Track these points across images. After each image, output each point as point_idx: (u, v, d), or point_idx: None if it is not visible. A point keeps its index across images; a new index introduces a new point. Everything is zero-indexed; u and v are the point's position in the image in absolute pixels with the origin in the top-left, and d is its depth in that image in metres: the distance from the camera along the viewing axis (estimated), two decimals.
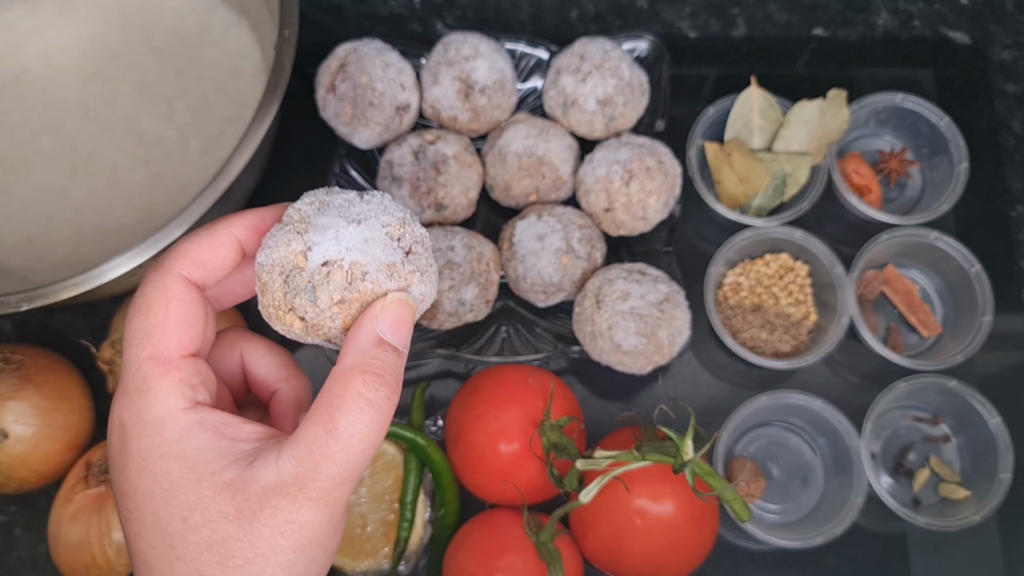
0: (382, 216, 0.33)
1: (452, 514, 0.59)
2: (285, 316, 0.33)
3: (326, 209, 0.33)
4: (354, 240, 0.32)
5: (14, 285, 0.59)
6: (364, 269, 0.32)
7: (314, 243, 0.32)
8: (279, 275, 0.32)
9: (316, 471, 0.29)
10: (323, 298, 0.32)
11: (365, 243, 0.32)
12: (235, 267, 0.33)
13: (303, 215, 0.33)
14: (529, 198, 0.62)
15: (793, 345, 0.63)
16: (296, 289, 0.32)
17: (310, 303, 0.32)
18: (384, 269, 0.32)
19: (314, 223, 0.33)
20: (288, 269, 0.32)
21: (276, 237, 0.33)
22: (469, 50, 0.61)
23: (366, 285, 0.32)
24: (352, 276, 0.32)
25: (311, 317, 0.32)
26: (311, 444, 0.29)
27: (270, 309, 0.33)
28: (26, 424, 0.56)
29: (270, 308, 0.33)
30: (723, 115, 0.66)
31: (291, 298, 0.32)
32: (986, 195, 0.69)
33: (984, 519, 0.58)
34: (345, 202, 0.34)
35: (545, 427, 0.54)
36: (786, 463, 0.62)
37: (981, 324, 0.61)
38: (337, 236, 0.32)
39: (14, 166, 0.62)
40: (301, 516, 0.29)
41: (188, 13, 0.66)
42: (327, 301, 0.32)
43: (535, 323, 0.63)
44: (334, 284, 0.32)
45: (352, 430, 0.29)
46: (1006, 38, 0.73)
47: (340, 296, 0.32)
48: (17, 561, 0.61)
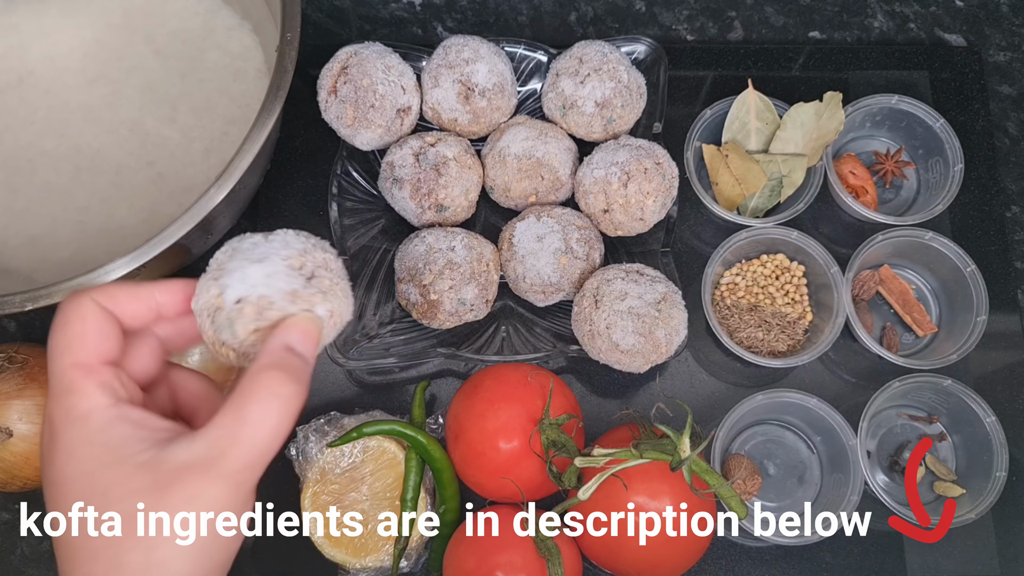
0: (282, 251, 0.39)
1: (452, 511, 0.59)
2: (220, 349, 0.38)
3: (235, 255, 0.39)
4: (258, 277, 0.38)
5: (19, 285, 0.60)
6: (270, 300, 0.37)
7: (226, 286, 0.37)
8: (207, 317, 0.38)
9: (226, 453, 0.33)
10: (240, 330, 0.37)
11: (267, 277, 0.38)
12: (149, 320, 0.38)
13: (219, 263, 0.39)
14: (528, 199, 0.63)
15: (789, 344, 0.63)
16: (220, 326, 0.37)
17: (231, 336, 0.37)
18: (287, 297, 0.38)
19: (226, 268, 0.38)
20: (212, 310, 0.37)
21: (201, 285, 0.38)
22: (469, 53, 0.62)
23: (273, 313, 0.37)
24: (260, 308, 0.37)
25: (237, 347, 0.37)
26: (223, 429, 0.33)
27: (209, 345, 0.38)
28: (30, 423, 0.56)
29: (208, 344, 0.38)
30: (720, 117, 0.67)
31: (218, 334, 0.37)
32: (981, 196, 0.69)
33: (979, 517, 0.58)
34: (251, 245, 0.39)
35: (544, 425, 0.55)
36: (782, 461, 0.63)
37: (976, 324, 0.62)
38: (244, 277, 0.38)
39: (19, 167, 0.63)
40: (210, 492, 0.32)
41: (191, 16, 0.66)
42: (244, 332, 0.37)
43: (534, 322, 0.63)
44: (247, 317, 0.37)
45: (260, 417, 0.33)
46: (1001, 40, 0.74)
47: (254, 326, 0.37)
48: (21, 558, 0.61)
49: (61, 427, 0.34)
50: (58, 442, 0.34)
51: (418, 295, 0.59)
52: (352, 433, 0.58)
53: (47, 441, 0.34)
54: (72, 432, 0.34)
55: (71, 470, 0.33)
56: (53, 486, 0.34)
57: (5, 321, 0.66)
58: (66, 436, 0.34)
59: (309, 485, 0.58)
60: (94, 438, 0.33)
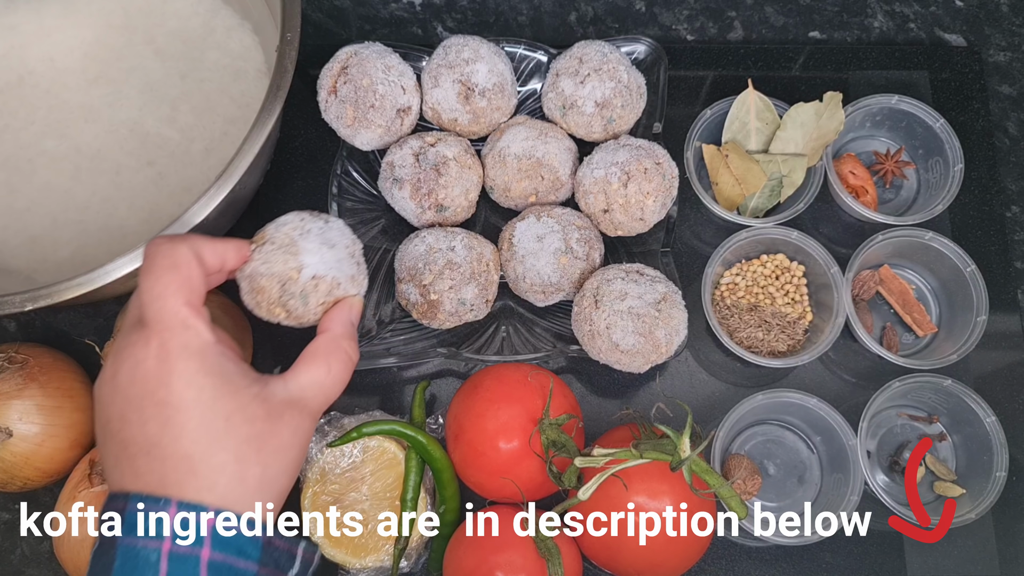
0: (344, 239, 0.49)
1: (452, 511, 0.59)
2: (274, 309, 0.47)
3: (307, 235, 0.48)
4: (331, 261, 0.48)
5: (19, 285, 0.60)
6: (339, 281, 0.48)
7: (305, 264, 0.47)
8: (277, 283, 0.46)
9: (315, 396, 0.43)
10: (312, 302, 0.47)
11: (338, 262, 0.48)
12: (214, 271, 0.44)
13: (291, 239, 0.47)
14: (528, 199, 0.63)
15: (789, 344, 0.63)
16: (291, 294, 0.46)
17: (301, 305, 0.47)
18: (349, 280, 0.49)
19: (301, 246, 0.47)
20: (284, 279, 0.46)
21: (271, 255, 0.47)
22: (469, 53, 0.62)
23: (340, 291, 0.48)
24: (331, 287, 0.48)
25: (298, 313, 0.47)
26: (312, 378, 0.43)
27: (262, 304, 0.47)
28: (30, 423, 0.56)
29: (263, 303, 0.47)
30: (720, 117, 0.67)
31: (285, 299, 0.47)
32: (981, 196, 0.69)
33: (979, 517, 0.58)
34: (319, 229, 0.48)
35: (544, 425, 0.55)
36: (782, 461, 0.63)
37: (976, 324, 0.62)
38: (322, 259, 0.47)
39: (19, 167, 0.63)
40: (304, 425, 0.42)
41: (191, 16, 0.66)
42: (315, 304, 0.47)
43: (534, 322, 0.63)
44: (321, 292, 0.47)
45: (338, 372, 0.44)
46: (1001, 40, 0.74)
47: (323, 300, 0.48)
48: (21, 558, 0.61)
49: (179, 357, 0.39)
50: (175, 368, 0.38)
51: (418, 295, 0.59)
52: (352, 433, 0.58)
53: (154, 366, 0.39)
54: (192, 363, 0.39)
55: (192, 395, 0.38)
56: (168, 407, 0.38)
57: (5, 321, 0.66)
58: (185, 366, 0.39)
59: (309, 485, 0.58)
60: (212, 369, 0.39)
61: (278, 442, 0.40)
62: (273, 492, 0.40)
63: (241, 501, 0.39)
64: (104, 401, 0.41)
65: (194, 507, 0.38)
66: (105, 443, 0.41)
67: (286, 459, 0.41)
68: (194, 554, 0.37)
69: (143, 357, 0.39)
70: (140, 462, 0.39)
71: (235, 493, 0.39)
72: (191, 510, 0.38)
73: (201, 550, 0.37)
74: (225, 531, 0.38)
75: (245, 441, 0.39)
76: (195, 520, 0.38)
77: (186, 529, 0.37)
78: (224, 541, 0.38)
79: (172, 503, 0.38)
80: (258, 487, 0.40)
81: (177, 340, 0.39)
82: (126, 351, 0.40)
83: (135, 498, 0.38)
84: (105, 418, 0.41)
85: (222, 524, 0.38)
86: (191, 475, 0.38)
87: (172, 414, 0.38)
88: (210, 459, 0.38)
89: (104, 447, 0.41)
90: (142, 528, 0.37)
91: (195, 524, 0.38)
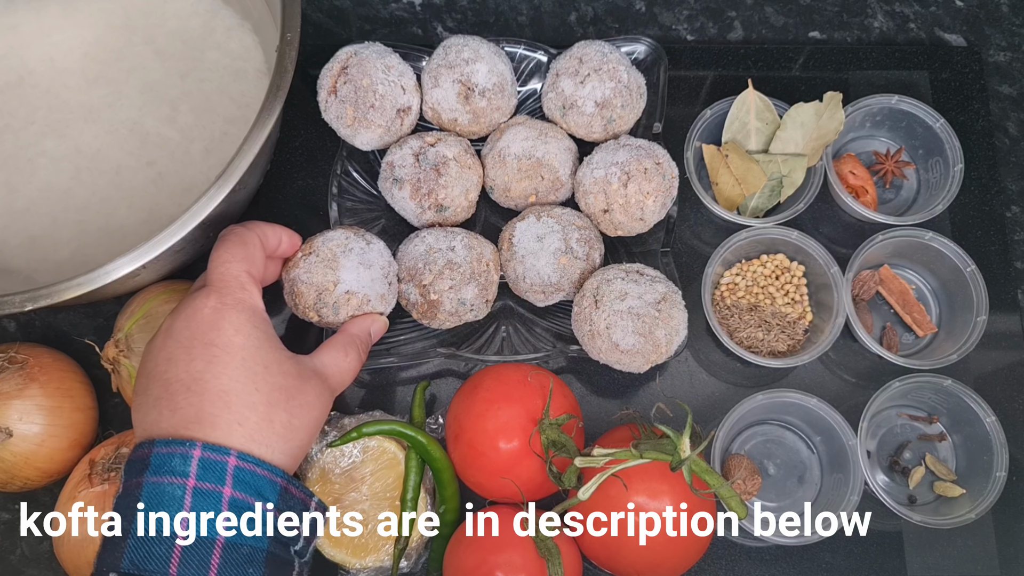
0: (381, 260, 0.57)
1: (452, 511, 0.59)
2: (308, 312, 0.56)
3: (349, 253, 0.55)
4: (365, 280, 0.56)
5: (18, 285, 0.60)
6: (369, 298, 0.56)
7: (341, 279, 0.55)
8: (314, 292, 0.55)
9: (333, 373, 0.50)
10: (343, 312, 0.56)
11: (372, 281, 0.56)
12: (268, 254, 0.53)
13: (333, 254, 0.55)
14: (528, 199, 0.63)
15: (789, 344, 0.63)
16: (325, 303, 0.55)
17: (332, 314, 0.55)
18: (379, 298, 0.57)
19: (341, 263, 0.55)
20: (321, 289, 0.55)
21: (314, 265, 0.55)
22: (469, 53, 0.62)
23: (368, 307, 0.56)
24: (362, 303, 0.56)
25: (328, 320, 0.56)
26: (332, 358, 0.51)
27: (299, 306, 0.56)
28: (31, 423, 0.56)
29: (299, 305, 0.56)
30: (720, 117, 0.67)
31: (319, 307, 0.55)
32: (981, 196, 0.69)
33: (979, 517, 0.58)
34: (361, 249, 0.56)
35: (544, 425, 0.55)
36: (782, 461, 0.63)
37: (976, 324, 0.62)
38: (357, 277, 0.55)
39: (19, 167, 0.63)
40: (324, 393, 0.48)
41: (191, 16, 0.66)
42: (345, 314, 0.56)
43: (534, 322, 0.63)
44: (352, 306, 0.56)
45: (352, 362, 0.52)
46: (1001, 40, 0.74)
47: (352, 312, 0.56)
48: (21, 558, 0.61)
49: (233, 308, 0.45)
50: (228, 316, 0.45)
51: (418, 295, 0.59)
52: (352, 433, 0.58)
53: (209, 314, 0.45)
54: (243, 314, 0.45)
55: (240, 340, 0.44)
56: (216, 347, 0.44)
57: (5, 321, 0.66)
58: (237, 315, 0.45)
59: (309, 485, 0.58)
60: (259, 324, 0.46)
61: (304, 398, 0.46)
62: (294, 442, 0.45)
63: (266, 441, 0.43)
64: (155, 349, 0.45)
65: (218, 448, 0.41)
66: (147, 388, 0.44)
67: (309, 415, 0.46)
68: (216, 490, 0.41)
69: (200, 307, 0.45)
70: (180, 397, 0.43)
71: (262, 432, 0.43)
72: (215, 451, 0.41)
73: (223, 488, 0.41)
74: (245, 470, 0.42)
75: (277, 388, 0.45)
76: (219, 459, 0.41)
77: (208, 468, 0.41)
78: (245, 481, 0.42)
79: (197, 444, 0.41)
80: (283, 432, 0.44)
81: (233, 296, 0.46)
82: (185, 305, 0.46)
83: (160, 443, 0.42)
84: (152, 363, 0.45)
85: (243, 464, 0.42)
86: (225, 408, 0.43)
87: (218, 353, 0.44)
88: (245, 396, 0.43)
89: (144, 393, 0.45)
90: (167, 466, 0.41)
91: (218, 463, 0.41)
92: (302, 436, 0.45)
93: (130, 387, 0.58)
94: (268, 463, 0.43)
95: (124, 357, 0.57)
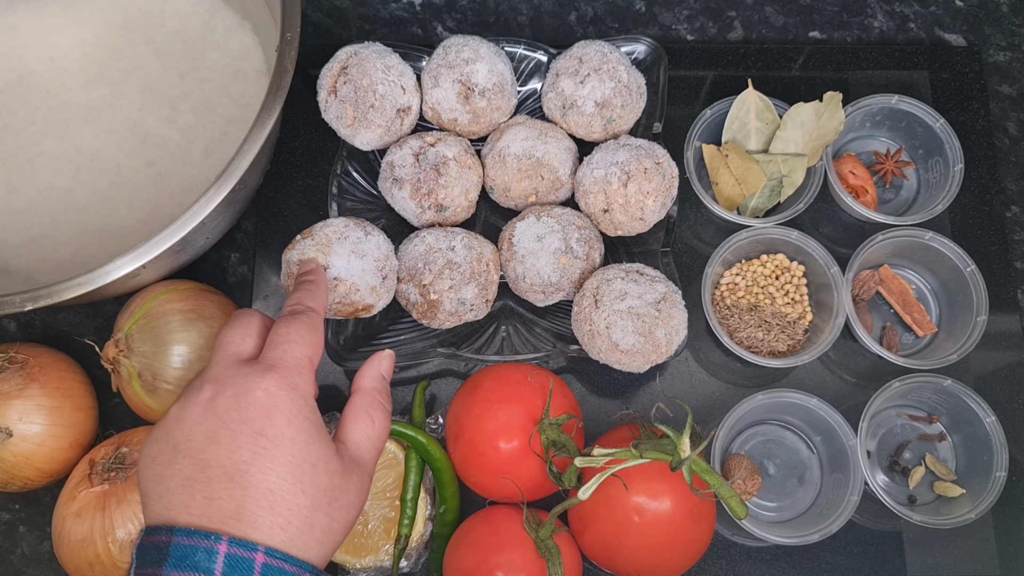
0: (376, 252, 0.56)
1: (452, 511, 0.59)
2: None
3: (344, 241, 0.55)
4: (356, 269, 0.55)
5: (19, 285, 0.60)
6: (357, 287, 0.55)
7: (331, 264, 0.55)
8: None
9: (368, 450, 0.45)
10: (329, 298, 0.54)
11: (362, 272, 0.55)
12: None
13: (328, 239, 0.55)
14: (528, 199, 0.63)
15: (789, 344, 0.63)
16: None
17: None
18: (369, 290, 0.56)
19: (334, 249, 0.55)
20: None
21: (308, 248, 0.55)
22: (469, 53, 0.62)
23: (356, 297, 0.56)
24: (349, 291, 0.55)
25: None
26: (362, 432, 0.45)
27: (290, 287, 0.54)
28: (31, 423, 0.56)
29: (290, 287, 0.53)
30: (720, 117, 0.67)
31: None
32: (981, 196, 0.69)
33: (979, 517, 0.58)
34: (357, 239, 0.56)
35: (544, 425, 0.55)
36: (782, 461, 0.63)
37: (976, 324, 0.62)
38: (347, 265, 0.55)
39: (19, 167, 0.63)
40: (364, 483, 0.44)
41: (191, 16, 0.66)
42: (331, 301, 0.54)
43: (534, 322, 0.63)
44: (338, 293, 0.55)
45: (382, 424, 0.46)
46: (1001, 40, 0.74)
47: (339, 300, 0.55)
48: (21, 558, 0.61)
49: (288, 396, 0.41)
50: (281, 405, 0.41)
51: (418, 295, 0.59)
52: None
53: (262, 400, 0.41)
54: (296, 404, 0.41)
55: (291, 433, 0.41)
56: (265, 438, 0.40)
57: (5, 321, 0.66)
58: (291, 405, 0.41)
59: None
60: (310, 416, 0.42)
61: (346, 499, 0.42)
62: (330, 545, 0.41)
63: (304, 546, 0.40)
64: (190, 420, 0.41)
65: (246, 544, 0.38)
66: (174, 460, 0.40)
67: (348, 517, 0.42)
68: None
69: (253, 387, 0.41)
70: (219, 486, 0.39)
71: (302, 538, 0.40)
72: (243, 547, 0.38)
73: None
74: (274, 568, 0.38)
75: (322, 490, 0.41)
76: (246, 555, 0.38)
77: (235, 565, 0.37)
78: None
79: (224, 539, 0.37)
80: (321, 537, 0.41)
81: (290, 381, 0.42)
82: (235, 380, 0.41)
83: (181, 531, 0.37)
84: (184, 436, 0.40)
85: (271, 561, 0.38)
86: (270, 509, 0.39)
87: (268, 445, 0.40)
88: (291, 499, 0.39)
89: (169, 465, 0.40)
90: (190, 561, 0.37)
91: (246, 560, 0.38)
92: (339, 538, 0.42)
93: (130, 387, 0.58)
94: (297, 559, 0.39)
95: (124, 357, 0.57)
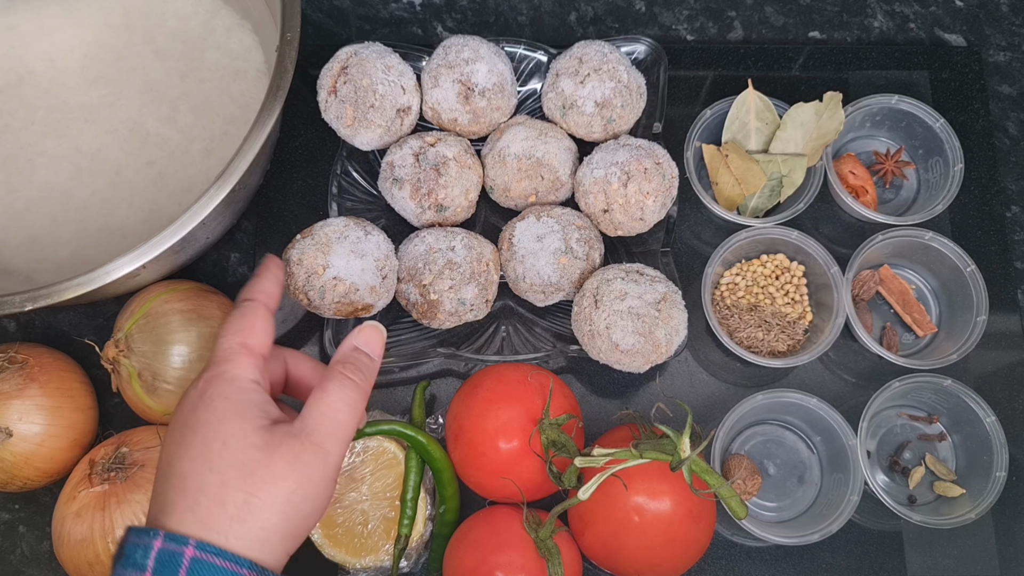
0: (376, 252, 0.57)
1: (452, 511, 0.59)
2: (298, 294, 0.56)
3: (343, 240, 0.56)
4: (355, 268, 0.56)
5: (18, 285, 0.60)
6: (357, 287, 0.56)
7: (331, 263, 0.55)
8: (304, 273, 0.55)
9: (315, 425, 0.42)
10: (328, 298, 0.56)
11: (362, 271, 0.56)
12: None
13: (328, 238, 0.56)
14: (528, 199, 0.63)
15: (789, 344, 0.63)
16: (312, 286, 0.56)
17: (319, 297, 0.56)
18: (368, 289, 0.56)
19: (334, 249, 0.55)
20: (310, 272, 0.55)
21: (307, 247, 0.56)
22: (469, 53, 0.62)
23: (355, 296, 0.56)
24: (348, 290, 0.56)
25: (316, 303, 0.56)
26: (311, 408, 0.42)
27: (290, 287, 0.56)
28: (30, 423, 0.56)
29: (290, 287, 0.56)
30: (720, 117, 0.67)
31: (307, 289, 0.56)
32: (981, 196, 0.69)
33: (979, 517, 0.58)
34: (357, 238, 0.56)
35: (544, 425, 0.55)
36: (782, 461, 0.63)
37: (976, 324, 0.62)
38: (347, 264, 0.55)
39: (19, 167, 0.63)
40: (305, 455, 0.41)
41: (191, 16, 0.66)
42: (330, 300, 0.56)
43: (534, 322, 0.63)
44: (337, 292, 0.56)
45: (337, 395, 0.43)
46: (1001, 40, 0.74)
47: (339, 299, 0.56)
48: (21, 558, 0.61)
49: (213, 383, 0.42)
50: (205, 395, 0.41)
51: (418, 295, 0.59)
52: None
53: (195, 395, 0.42)
54: (216, 388, 0.42)
55: (205, 417, 0.41)
56: (186, 427, 0.41)
57: (5, 321, 0.66)
58: (212, 390, 0.41)
59: None
60: (231, 395, 0.41)
61: (268, 471, 0.40)
62: (255, 523, 0.39)
63: (218, 527, 0.39)
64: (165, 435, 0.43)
65: (177, 538, 0.38)
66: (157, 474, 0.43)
67: (276, 489, 0.39)
68: None
69: (191, 388, 0.43)
70: (156, 485, 0.41)
71: (213, 516, 0.39)
72: (174, 541, 0.38)
73: None
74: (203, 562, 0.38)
75: (233, 465, 0.39)
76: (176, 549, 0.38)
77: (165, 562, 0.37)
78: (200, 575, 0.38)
79: (160, 534, 0.38)
80: (237, 514, 0.39)
81: (216, 370, 0.42)
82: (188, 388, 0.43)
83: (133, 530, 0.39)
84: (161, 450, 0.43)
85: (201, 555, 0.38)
86: (182, 493, 0.39)
87: (187, 434, 0.41)
88: (198, 479, 0.39)
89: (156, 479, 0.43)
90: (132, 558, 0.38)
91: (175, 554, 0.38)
92: (267, 515, 0.39)
93: (130, 387, 0.58)
94: (230, 552, 0.38)
95: (124, 357, 0.57)
